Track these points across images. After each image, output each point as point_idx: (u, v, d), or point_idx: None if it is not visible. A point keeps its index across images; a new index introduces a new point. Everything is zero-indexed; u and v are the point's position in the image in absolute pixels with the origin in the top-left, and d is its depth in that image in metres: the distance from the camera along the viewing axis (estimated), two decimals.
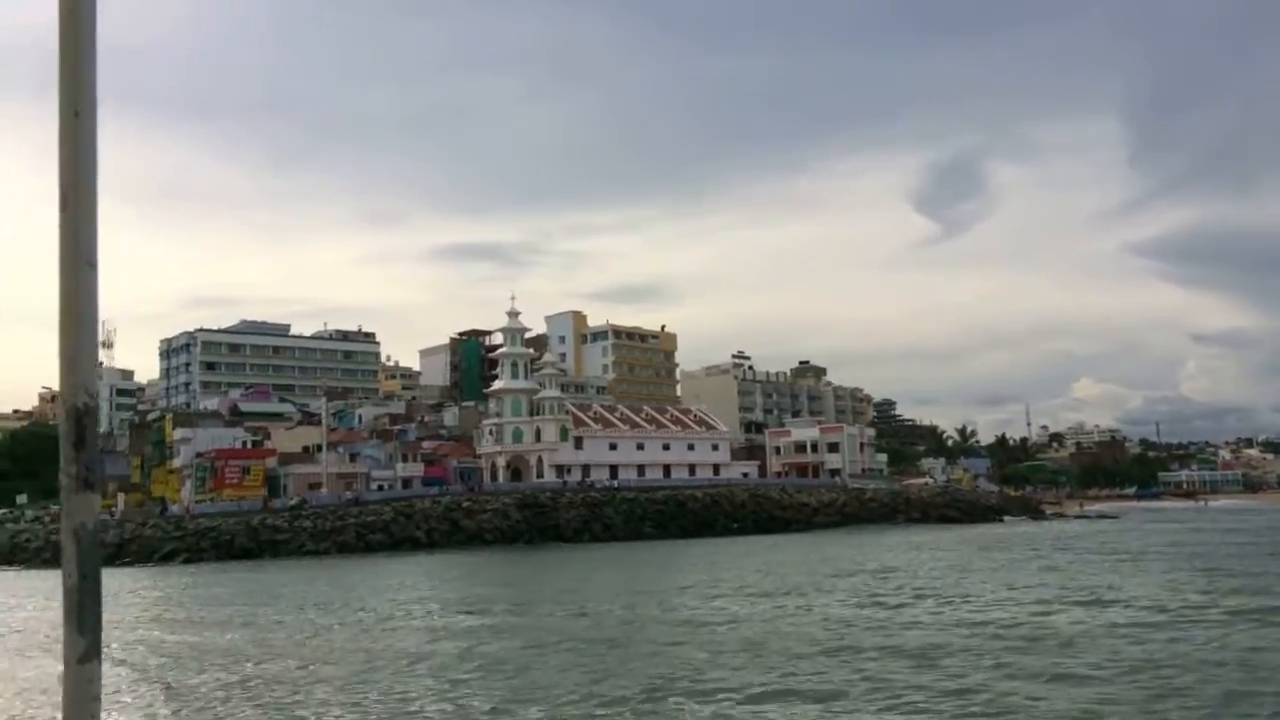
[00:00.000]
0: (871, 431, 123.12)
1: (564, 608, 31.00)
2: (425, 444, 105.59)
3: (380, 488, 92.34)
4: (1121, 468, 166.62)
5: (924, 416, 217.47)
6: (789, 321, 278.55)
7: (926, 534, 73.67)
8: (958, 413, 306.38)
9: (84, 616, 1.32)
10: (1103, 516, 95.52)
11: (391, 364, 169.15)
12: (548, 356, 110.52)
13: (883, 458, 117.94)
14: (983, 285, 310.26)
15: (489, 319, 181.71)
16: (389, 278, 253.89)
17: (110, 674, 20.35)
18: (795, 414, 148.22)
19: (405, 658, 22.06)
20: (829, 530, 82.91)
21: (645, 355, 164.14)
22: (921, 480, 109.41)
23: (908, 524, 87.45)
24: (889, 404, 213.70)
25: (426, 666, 20.53)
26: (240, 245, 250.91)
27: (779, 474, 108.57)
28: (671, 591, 35.03)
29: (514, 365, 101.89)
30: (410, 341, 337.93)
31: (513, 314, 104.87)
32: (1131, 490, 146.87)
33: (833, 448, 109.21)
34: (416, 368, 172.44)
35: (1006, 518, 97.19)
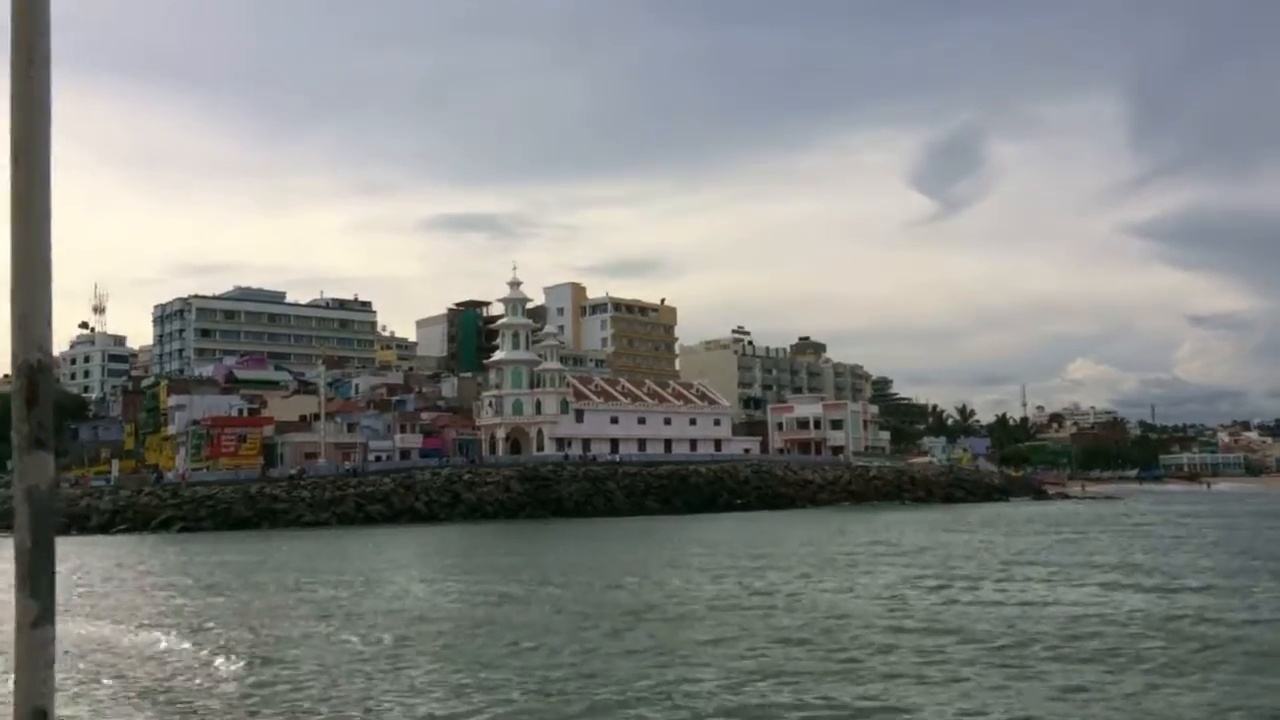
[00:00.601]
0: (875, 409, 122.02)
1: (603, 583, 29.75)
2: (423, 415, 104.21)
3: (378, 458, 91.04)
4: (1123, 449, 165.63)
5: (918, 395, 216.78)
6: (785, 298, 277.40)
7: (936, 513, 72.66)
8: (952, 392, 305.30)
9: (37, 581, 1.30)
10: (1109, 499, 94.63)
11: (387, 334, 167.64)
12: (549, 328, 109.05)
13: (885, 435, 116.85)
14: (979, 265, 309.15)
15: (483, 291, 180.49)
16: (382, 249, 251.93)
17: (178, 648, 19.33)
18: (797, 390, 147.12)
19: (467, 634, 20.76)
20: (834, 508, 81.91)
21: (645, 329, 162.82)
22: (925, 459, 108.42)
23: (913, 503, 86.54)
24: (885, 382, 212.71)
25: (503, 648, 19.16)
26: (231, 213, 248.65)
27: (781, 450, 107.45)
28: (705, 570, 33.67)
29: (515, 336, 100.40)
30: (403, 312, 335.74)
31: (514, 284, 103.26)
32: (1133, 472, 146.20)
33: (836, 425, 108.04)
34: (412, 338, 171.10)
35: (1010, 498, 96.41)
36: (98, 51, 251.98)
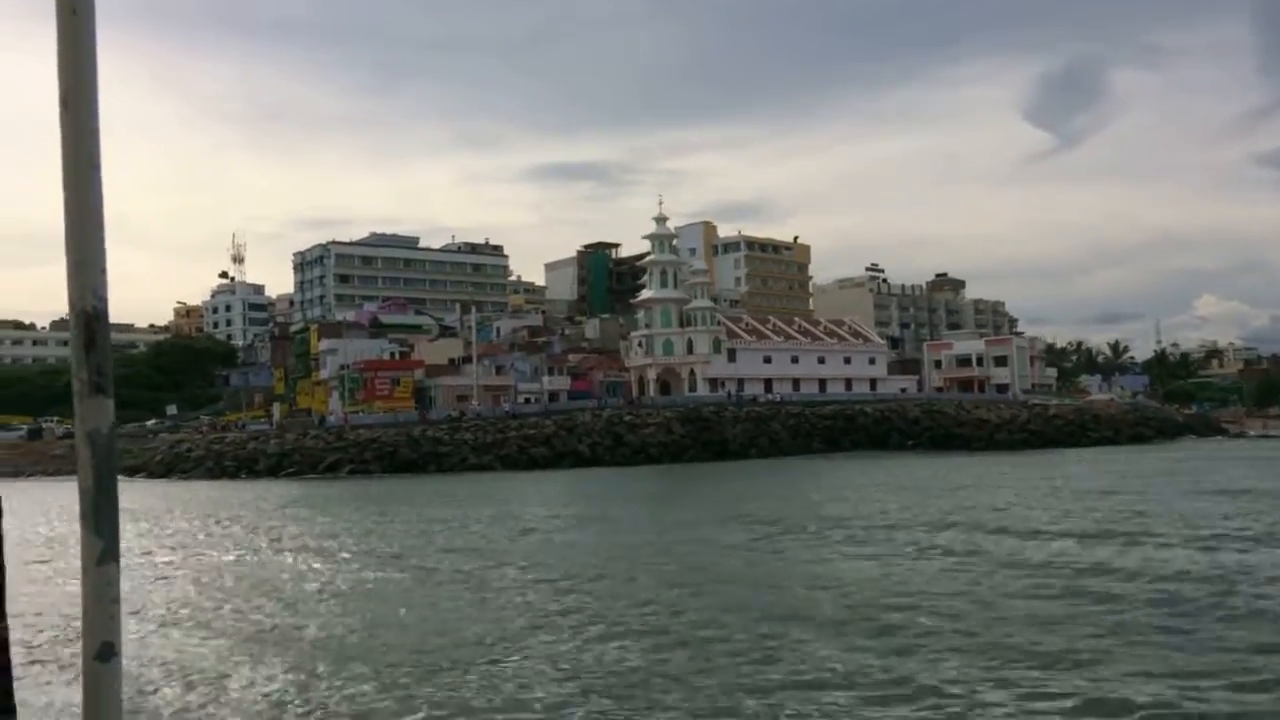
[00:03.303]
0: (1043, 344, 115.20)
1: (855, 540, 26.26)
2: (570, 357, 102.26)
3: (527, 400, 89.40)
4: None
5: (1040, 335, 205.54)
6: (897, 238, 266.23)
7: (1157, 454, 67.03)
8: (1071, 331, 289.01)
9: (100, 519, 1.34)
10: None
11: (514, 279, 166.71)
12: (697, 265, 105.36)
13: (1052, 373, 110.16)
14: (1099, 199, 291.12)
15: (591, 237, 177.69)
16: (491, 199, 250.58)
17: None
18: (952, 327, 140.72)
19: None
20: (1016, 451, 76.74)
21: (779, 267, 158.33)
22: (1106, 397, 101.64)
23: (1098, 444, 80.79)
24: (1011, 321, 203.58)
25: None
26: (344, 168, 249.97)
27: (939, 389, 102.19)
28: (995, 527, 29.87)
29: (663, 274, 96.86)
30: (517, 260, 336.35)
31: (659, 219, 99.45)
32: None
33: (1000, 361, 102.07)
34: (537, 283, 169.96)
35: (1199, 437, 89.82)
36: (211, 12, 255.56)
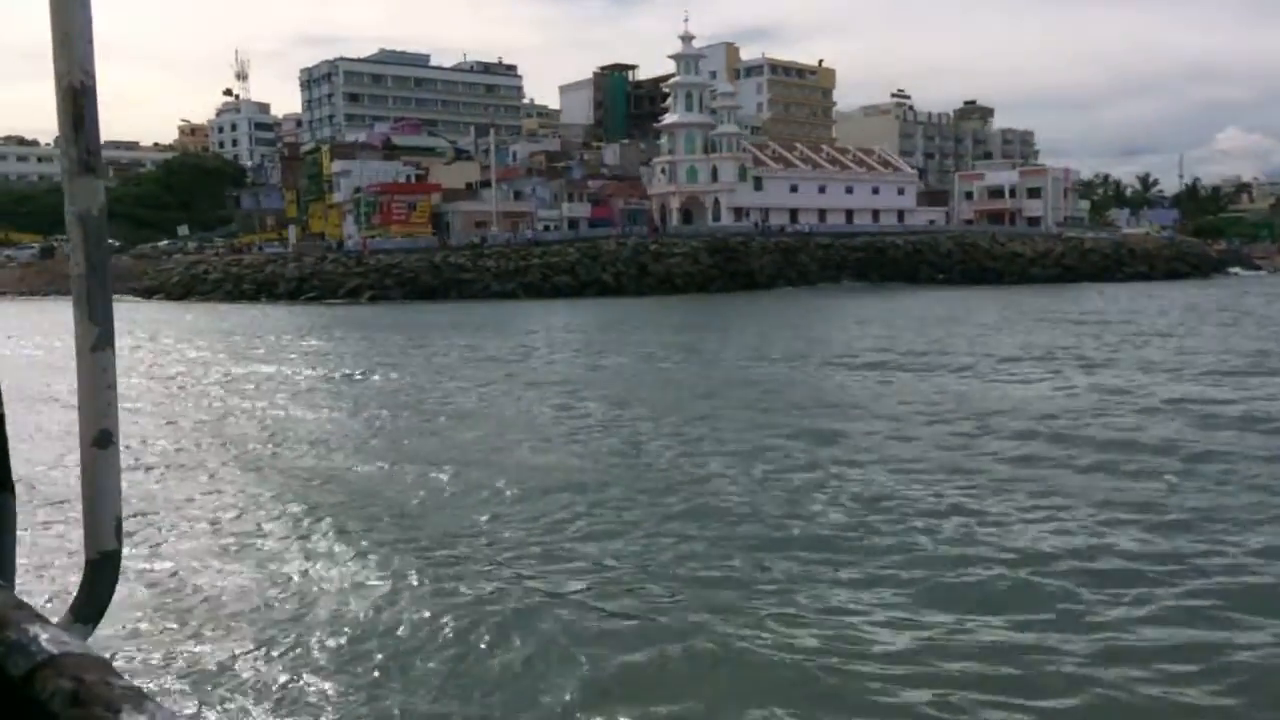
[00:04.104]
0: (1077, 175, 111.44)
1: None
2: (590, 183, 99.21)
3: (546, 228, 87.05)
4: None
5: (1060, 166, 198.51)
6: (917, 64, 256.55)
7: (1206, 289, 65.20)
8: (1091, 165, 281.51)
9: (94, 304, 1.30)
10: None
11: (527, 101, 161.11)
12: (723, 88, 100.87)
13: (1085, 205, 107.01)
14: (1127, 24, 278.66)
15: (600, 60, 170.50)
16: (496, 17, 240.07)
17: None
18: (979, 157, 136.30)
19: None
20: (1051, 285, 74.99)
21: (802, 93, 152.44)
22: (1141, 230, 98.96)
23: (1133, 280, 79.02)
24: (1034, 153, 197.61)
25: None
26: None
27: (968, 221, 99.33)
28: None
29: (688, 97, 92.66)
30: (525, 84, 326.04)
31: (686, 38, 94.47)
32: None
33: (1033, 193, 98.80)
34: (554, 105, 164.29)
35: (1234, 272, 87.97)
36: None
